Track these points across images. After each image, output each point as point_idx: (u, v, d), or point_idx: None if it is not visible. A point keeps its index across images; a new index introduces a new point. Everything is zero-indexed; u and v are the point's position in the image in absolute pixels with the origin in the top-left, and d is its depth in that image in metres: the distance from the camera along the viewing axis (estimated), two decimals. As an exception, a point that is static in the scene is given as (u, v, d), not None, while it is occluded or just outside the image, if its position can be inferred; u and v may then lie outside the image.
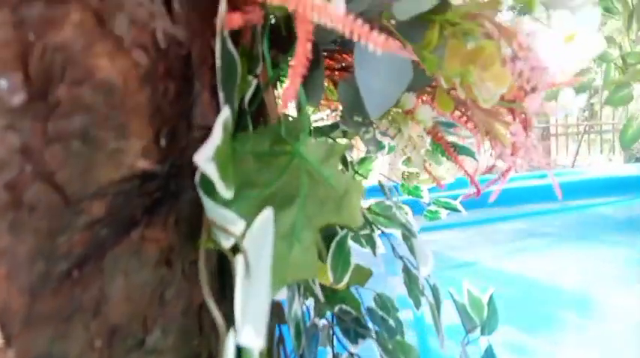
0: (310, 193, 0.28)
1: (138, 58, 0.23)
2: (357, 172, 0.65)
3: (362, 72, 0.37)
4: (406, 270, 0.54)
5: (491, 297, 0.57)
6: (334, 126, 0.55)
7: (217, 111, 0.25)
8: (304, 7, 0.23)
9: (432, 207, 0.75)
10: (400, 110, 0.44)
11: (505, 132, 0.43)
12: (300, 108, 0.32)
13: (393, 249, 0.57)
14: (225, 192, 0.23)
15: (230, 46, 0.26)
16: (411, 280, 0.54)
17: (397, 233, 0.56)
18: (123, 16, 0.22)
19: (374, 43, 0.22)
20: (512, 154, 0.42)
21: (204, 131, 0.28)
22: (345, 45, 0.48)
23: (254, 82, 0.33)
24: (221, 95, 0.25)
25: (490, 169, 0.48)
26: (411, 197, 0.72)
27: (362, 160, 0.66)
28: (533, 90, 0.38)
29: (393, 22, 0.39)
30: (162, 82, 0.24)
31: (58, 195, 0.20)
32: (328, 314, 0.52)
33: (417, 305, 0.55)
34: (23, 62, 0.19)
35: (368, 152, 0.68)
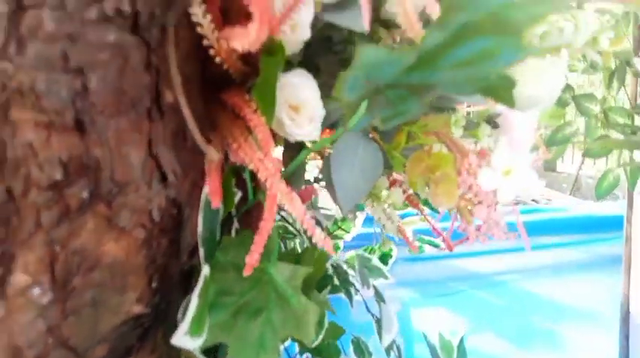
0: (276, 308, 0.35)
1: (137, 234, 0.27)
2: (339, 227, 0.71)
3: (337, 170, 0.42)
4: (356, 342, 0.61)
5: (461, 340, 0.65)
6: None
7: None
8: (274, 194, 0.28)
9: (416, 243, 0.82)
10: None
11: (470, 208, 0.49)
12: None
13: (367, 307, 0.63)
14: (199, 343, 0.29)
15: (210, 212, 0.30)
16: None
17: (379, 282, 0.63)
18: (126, 211, 0.26)
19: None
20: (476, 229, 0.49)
21: (194, 246, 0.34)
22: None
23: (239, 194, 0.38)
24: (201, 251, 0.31)
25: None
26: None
27: (343, 218, 0.70)
28: (480, 202, 0.44)
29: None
30: (156, 240, 0.29)
31: (72, 353, 0.26)
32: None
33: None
34: (51, 269, 0.24)
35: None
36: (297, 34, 0.36)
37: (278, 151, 0.46)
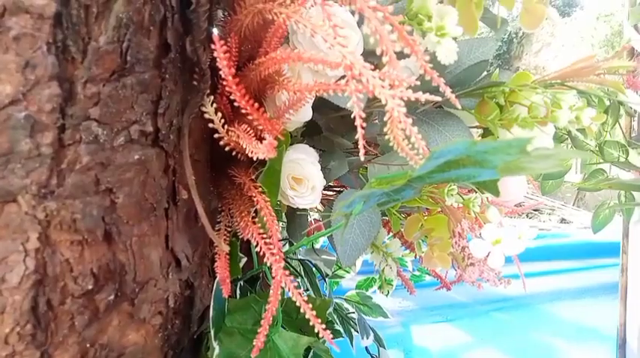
0: (278, 372, 0.38)
1: (155, 321, 0.31)
2: (340, 267, 0.74)
3: (337, 231, 0.46)
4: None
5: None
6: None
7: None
8: (278, 280, 0.32)
9: (416, 273, 0.85)
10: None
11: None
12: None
13: (367, 349, 0.66)
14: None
15: (220, 297, 0.34)
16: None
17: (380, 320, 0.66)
18: (146, 305, 0.29)
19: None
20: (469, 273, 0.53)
21: (203, 310, 0.37)
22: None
23: (244, 259, 0.41)
24: (212, 332, 0.34)
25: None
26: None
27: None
28: (472, 264, 0.48)
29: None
30: (171, 322, 0.33)
31: None
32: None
33: None
34: (80, 365, 0.27)
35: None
36: (299, 116, 0.39)
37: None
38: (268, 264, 0.32)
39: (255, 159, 0.34)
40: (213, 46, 0.28)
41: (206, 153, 0.38)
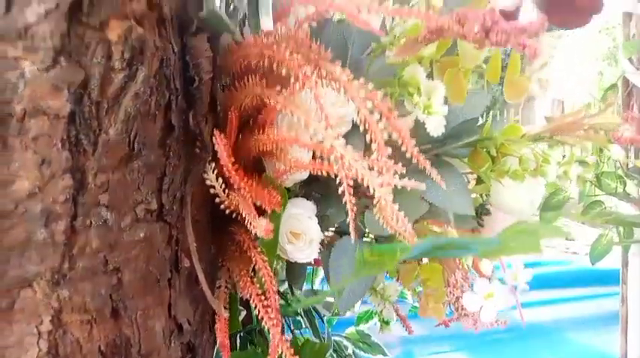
0: None
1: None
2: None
3: (335, 275, 0.48)
4: None
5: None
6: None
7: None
8: (276, 345, 0.34)
9: (417, 304, 0.87)
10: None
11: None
12: None
13: None
14: None
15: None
16: None
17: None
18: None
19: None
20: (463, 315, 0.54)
21: None
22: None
23: (243, 312, 0.43)
24: None
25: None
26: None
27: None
28: (466, 315, 0.50)
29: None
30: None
31: None
32: None
33: None
34: None
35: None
36: (297, 176, 0.41)
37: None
38: (266, 328, 0.34)
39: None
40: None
41: (207, 213, 0.41)
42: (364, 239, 0.52)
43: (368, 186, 0.26)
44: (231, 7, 0.39)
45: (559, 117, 0.46)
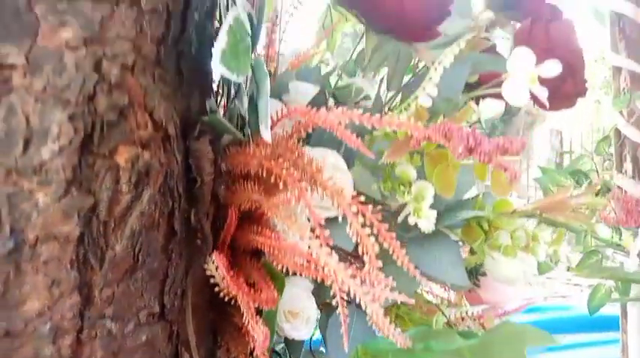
0: None
1: None
2: None
3: (333, 346, 0.49)
4: None
5: None
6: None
7: None
8: None
9: None
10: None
11: None
12: None
13: None
14: None
15: None
16: None
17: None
18: None
19: None
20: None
21: None
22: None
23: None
24: None
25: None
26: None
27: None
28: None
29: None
30: None
31: None
32: None
33: None
34: None
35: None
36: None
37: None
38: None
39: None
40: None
41: (206, 297, 0.42)
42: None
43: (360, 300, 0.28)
44: (234, 105, 0.41)
45: (546, 198, 0.47)
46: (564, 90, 0.45)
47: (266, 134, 0.32)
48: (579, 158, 0.95)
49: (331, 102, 0.55)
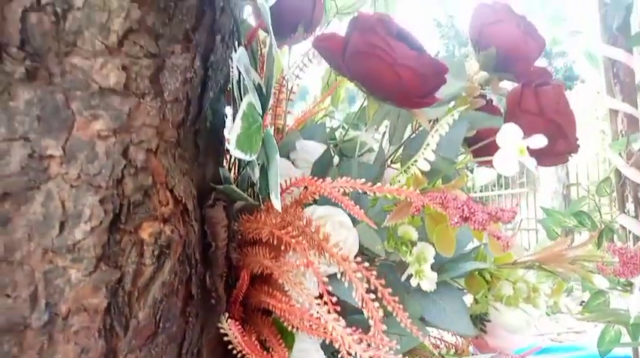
0: None
1: None
2: None
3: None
4: None
5: None
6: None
7: None
8: None
9: None
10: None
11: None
12: None
13: None
14: None
15: None
16: None
17: None
18: None
19: None
20: None
21: None
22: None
23: None
24: None
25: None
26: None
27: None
28: None
29: None
30: None
31: None
32: None
33: None
34: None
35: None
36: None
37: None
38: None
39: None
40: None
41: (220, 354, 0.44)
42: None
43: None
44: (245, 170, 0.44)
45: (545, 248, 0.49)
46: (556, 150, 0.47)
47: (276, 203, 0.35)
48: (581, 199, 0.97)
49: (336, 158, 0.58)
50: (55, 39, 0.28)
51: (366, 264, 0.32)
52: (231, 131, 0.32)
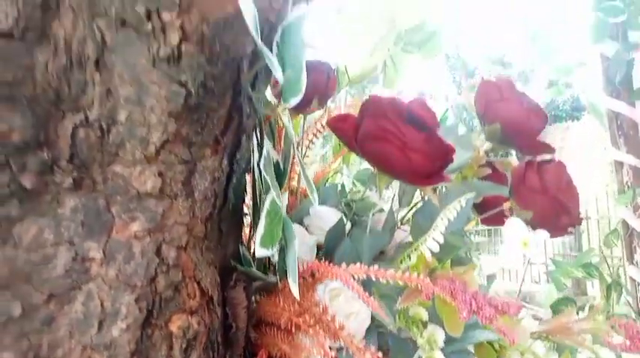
0: None
1: None
2: None
3: None
4: None
5: None
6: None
7: None
8: None
9: None
10: None
11: None
12: None
13: None
14: None
15: None
16: None
17: None
18: None
19: None
20: None
21: None
22: None
23: None
24: None
25: None
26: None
27: None
28: None
29: None
30: None
31: None
32: None
33: None
34: None
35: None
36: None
37: None
38: None
39: None
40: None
41: None
42: None
43: None
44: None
45: (552, 321, 0.51)
46: (560, 225, 0.50)
47: (294, 289, 0.37)
48: (589, 251, 0.98)
49: (349, 225, 0.60)
50: (100, 150, 0.32)
51: (380, 354, 0.34)
52: (257, 232, 0.34)
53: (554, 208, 0.49)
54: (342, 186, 0.71)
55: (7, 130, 0.29)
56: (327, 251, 0.54)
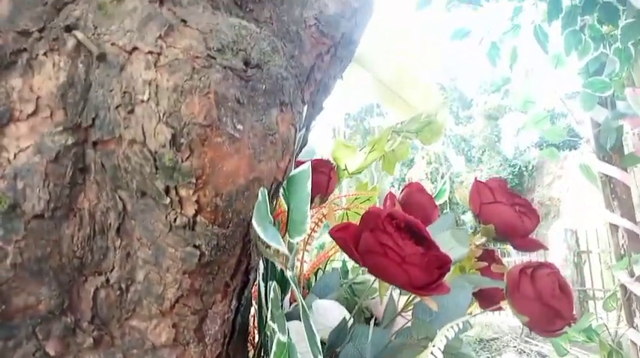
0: None
1: None
2: None
3: None
4: None
5: None
6: None
7: None
8: None
9: None
10: None
11: None
12: None
13: None
14: None
15: None
16: None
17: None
18: None
19: None
20: None
21: None
22: None
23: None
24: None
25: None
26: None
27: None
28: None
29: None
30: None
31: None
32: None
33: None
34: None
35: None
36: None
37: None
38: None
39: None
40: None
41: None
42: None
43: None
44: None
45: None
46: (555, 327, 0.52)
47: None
48: (589, 315, 0.99)
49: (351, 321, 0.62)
50: (118, 308, 0.34)
51: None
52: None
53: (548, 314, 0.51)
54: (344, 263, 0.74)
55: (34, 303, 0.31)
56: (330, 347, 0.56)
